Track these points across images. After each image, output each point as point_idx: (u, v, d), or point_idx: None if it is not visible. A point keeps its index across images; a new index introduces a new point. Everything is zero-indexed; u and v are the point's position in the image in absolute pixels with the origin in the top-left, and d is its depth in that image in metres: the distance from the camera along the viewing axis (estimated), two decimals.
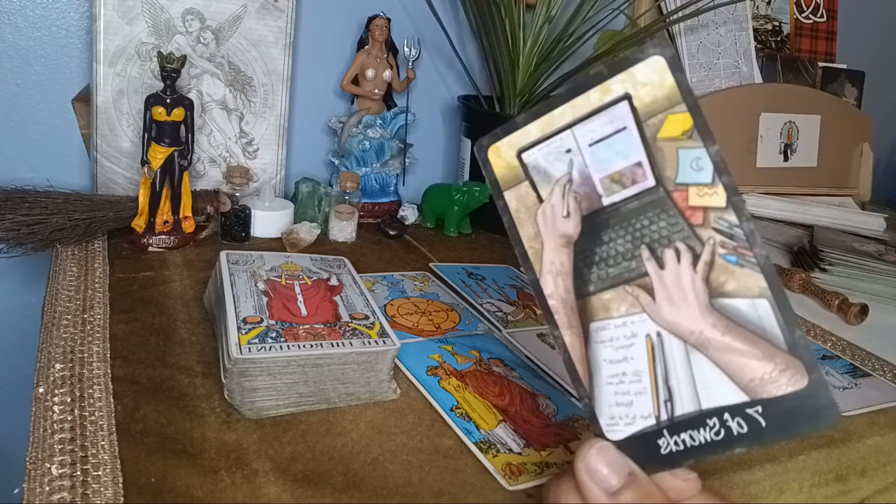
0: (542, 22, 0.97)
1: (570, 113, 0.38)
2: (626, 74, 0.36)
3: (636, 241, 0.38)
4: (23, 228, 0.72)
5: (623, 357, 0.38)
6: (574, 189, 0.39)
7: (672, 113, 0.36)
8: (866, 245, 1.04)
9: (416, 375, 0.59)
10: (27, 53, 0.89)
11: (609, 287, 0.38)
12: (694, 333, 0.36)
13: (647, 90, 0.36)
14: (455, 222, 0.98)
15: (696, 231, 0.36)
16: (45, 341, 0.56)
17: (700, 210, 0.36)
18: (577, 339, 0.39)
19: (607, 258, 0.38)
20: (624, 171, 0.38)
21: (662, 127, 0.36)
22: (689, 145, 0.36)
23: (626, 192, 0.38)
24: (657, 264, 0.37)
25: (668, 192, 0.37)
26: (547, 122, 0.39)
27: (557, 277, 0.40)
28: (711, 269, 0.36)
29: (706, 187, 0.36)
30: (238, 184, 0.85)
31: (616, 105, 0.37)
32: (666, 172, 0.37)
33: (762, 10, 1.31)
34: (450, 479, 0.47)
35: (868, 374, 0.72)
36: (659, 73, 0.36)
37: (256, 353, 0.51)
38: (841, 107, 1.29)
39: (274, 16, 0.89)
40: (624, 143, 0.37)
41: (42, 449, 0.44)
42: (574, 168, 0.39)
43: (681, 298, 0.36)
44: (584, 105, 0.38)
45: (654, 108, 0.36)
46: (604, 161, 0.38)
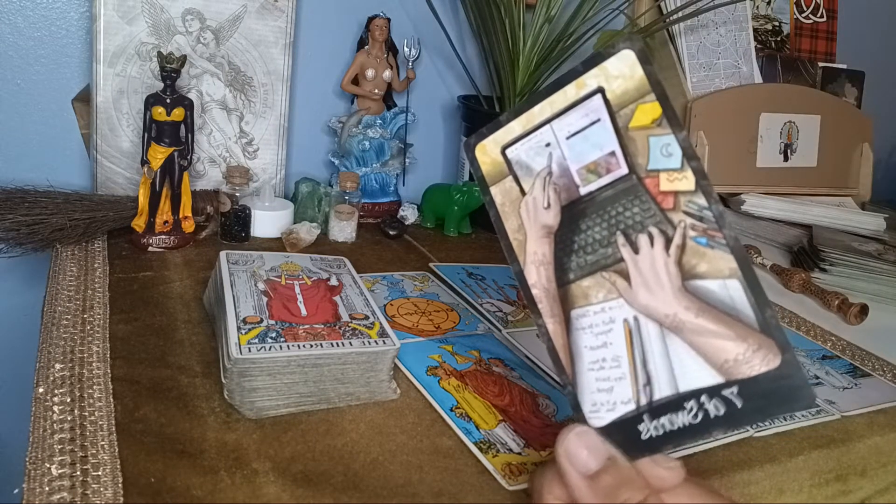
0: (542, 22, 0.97)
1: (548, 109, 0.40)
2: (599, 69, 0.38)
3: (612, 227, 0.39)
4: (23, 228, 0.72)
5: (602, 343, 0.39)
6: (553, 181, 0.41)
7: (642, 103, 0.37)
8: (866, 245, 1.04)
9: (416, 375, 0.59)
10: (27, 53, 0.89)
11: (588, 274, 0.40)
12: (669, 316, 0.37)
13: (618, 83, 0.38)
14: (455, 222, 0.98)
15: (668, 215, 0.37)
16: (45, 341, 0.56)
17: (671, 195, 0.37)
18: (559, 327, 0.41)
19: (585, 246, 0.40)
20: (599, 160, 0.39)
21: (633, 116, 0.38)
22: (658, 133, 0.37)
23: (602, 181, 0.39)
24: (632, 249, 0.38)
25: (641, 178, 0.38)
26: (528, 118, 0.41)
27: (540, 267, 0.41)
28: (683, 252, 0.37)
29: (676, 172, 0.37)
30: (238, 184, 0.85)
31: (590, 98, 0.39)
32: (638, 160, 0.38)
33: (762, 10, 1.31)
34: (450, 479, 0.47)
35: (868, 374, 0.72)
36: (630, 65, 0.37)
37: (256, 353, 0.51)
38: (841, 107, 1.29)
39: (274, 16, 0.89)
40: (598, 134, 0.39)
41: (42, 449, 0.44)
42: (553, 161, 0.41)
43: (655, 282, 0.37)
44: (562, 100, 0.40)
45: (626, 99, 0.38)
46: (580, 152, 0.40)
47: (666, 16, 1.11)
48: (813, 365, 0.72)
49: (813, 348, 0.76)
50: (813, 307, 0.88)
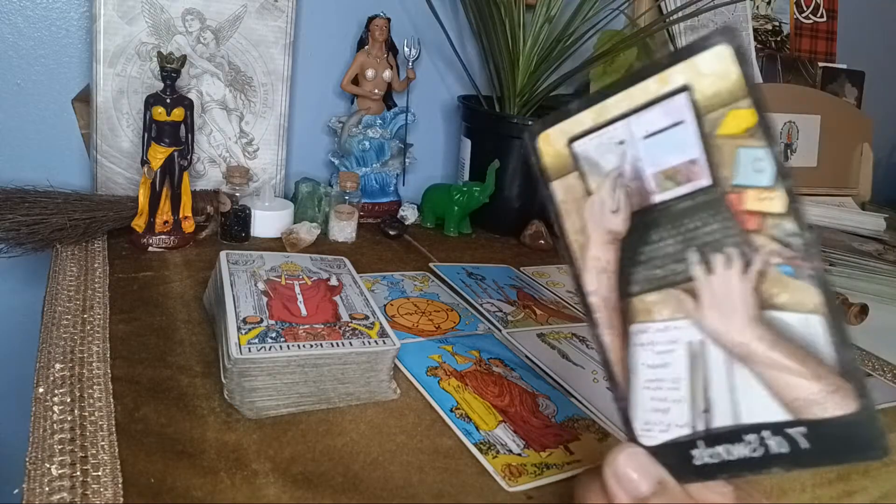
0: (542, 22, 0.97)
1: (625, 102, 0.36)
2: (687, 64, 0.34)
3: (686, 242, 0.35)
4: (23, 228, 0.72)
5: (663, 362, 0.36)
6: (625, 183, 0.37)
7: (735, 108, 0.33)
8: (866, 245, 1.04)
9: (416, 376, 0.59)
10: (27, 53, 0.89)
11: (654, 289, 0.36)
12: (739, 345, 0.34)
13: (709, 82, 0.33)
14: (455, 222, 0.98)
15: (751, 237, 0.34)
16: (45, 341, 0.56)
17: (757, 215, 0.33)
18: (616, 340, 0.38)
19: (654, 258, 0.37)
20: (679, 167, 0.35)
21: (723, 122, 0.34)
22: (750, 144, 0.33)
23: (680, 189, 0.35)
24: (706, 269, 0.35)
25: (725, 192, 0.34)
26: (601, 110, 0.37)
27: (602, 275, 0.38)
28: (764, 279, 0.33)
29: (765, 191, 0.33)
30: (238, 184, 0.85)
31: (675, 96, 0.34)
32: (723, 172, 0.34)
33: (762, 10, 1.31)
34: (449, 479, 0.47)
35: (868, 374, 0.72)
36: (724, 63, 0.33)
37: (256, 353, 0.51)
38: (841, 107, 1.29)
39: (274, 16, 0.89)
40: (680, 137, 0.35)
41: (42, 449, 0.44)
42: (626, 161, 0.37)
43: (728, 307, 0.34)
44: (641, 95, 0.35)
45: (716, 101, 0.34)
46: (658, 155, 0.36)
47: (666, 16, 1.11)
48: None
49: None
50: None
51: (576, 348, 0.68)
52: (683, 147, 0.35)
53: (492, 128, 1.01)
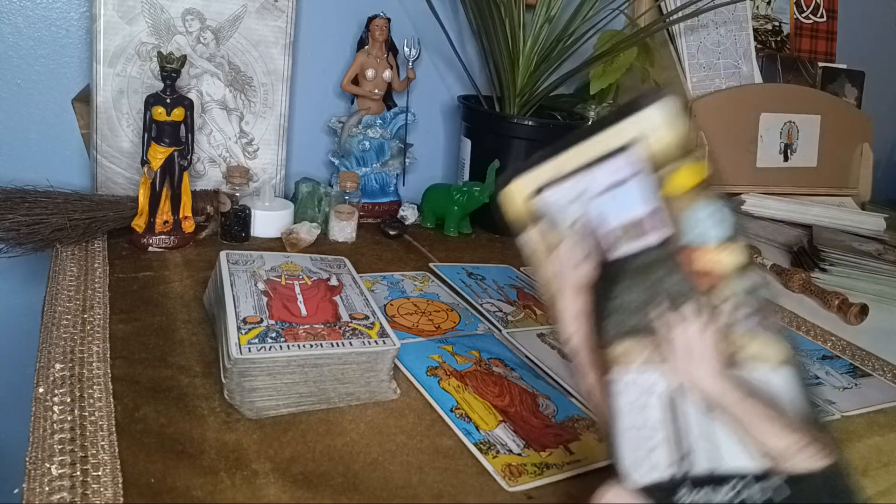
0: (542, 22, 0.97)
1: (581, 156, 0.37)
2: (637, 118, 0.35)
3: (651, 293, 0.36)
4: (23, 228, 0.72)
5: (642, 406, 0.37)
6: (587, 235, 0.38)
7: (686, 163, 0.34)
8: (866, 245, 1.04)
9: (416, 376, 0.59)
10: (27, 53, 0.89)
11: (626, 336, 0.37)
12: (712, 394, 0.35)
13: (659, 136, 0.34)
14: (455, 222, 0.98)
15: (712, 291, 0.34)
16: (45, 341, 0.56)
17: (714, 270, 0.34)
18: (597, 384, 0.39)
19: (623, 308, 0.37)
20: (637, 221, 0.36)
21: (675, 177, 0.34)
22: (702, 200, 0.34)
23: (640, 243, 0.36)
24: (672, 321, 0.35)
25: (682, 247, 0.35)
26: (562, 162, 0.37)
27: (576, 321, 0.39)
28: (728, 332, 0.34)
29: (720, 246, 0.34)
30: (238, 184, 0.85)
31: (628, 150, 0.35)
32: (680, 226, 0.34)
33: (762, 10, 1.31)
34: (449, 479, 0.47)
35: (868, 375, 0.72)
36: (672, 117, 0.34)
37: (256, 353, 0.51)
38: (841, 107, 1.29)
39: (274, 16, 0.89)
40: (635, 191, 0.35)
41: (42, 449, 0.44)
42: (588, 213, 0.37)
43: (697, 358, 0.35)
44: (596, 149, 0.36)
45: (667, 156, 0.34)
46: (616, 209, 0.36)
47: (666, 16, 1.11)
48: (813, 365, 0.72)
49: (813, 348, 0.76)
50: (813, 307, 0.88)
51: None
52: (639, 201, 0.35)
53: (492, 128, 1.01)
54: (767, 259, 0.99)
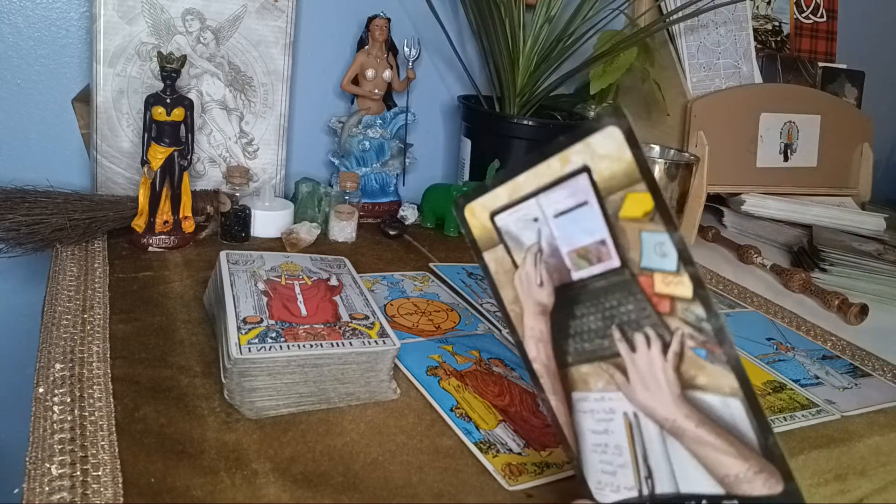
0: (542, 22, 0.97)
1: (533, 181, 0.37)
2: (583, 145, 0.34)
3: (607, 319, 0.36)
4: (23, 228, 0.72)
5: (604, 429, 0.37)
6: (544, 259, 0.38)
7: (632, 191, 0.34)
8: (866, 245, 1.04)
9: (416, 375, 0.59)
10: (27, 53, 0.89)
11: (585, 361, 0.37)
12: (668, 420, 0.35)
13: (605, 164, 0.34)
14: (455, 222, 0.98)
15: (665, 319, 0.34)
16: (45, 341, 0.56)
17: (667, 298, 0.34)
18: (561, 405, 0.39)
19: (581, 333, 0.37)
20: (589, 247, 0.36)
21: (623, 205, 0.34)
22: (651, 228, 0.34)
23: (593, 269, 0.36)
24: (629, 346, 0.36)
25: (634, 275, 0.35)
26: (513, 187, 0.38)
27: (538, 343, 0.39)
28: (682, 360, 0.34)
29: (671, 275, 0.34)
30: (238, 184, 0.85)
31: (576, 177, 0.35)
32: (630, 254, 0.35)
33: (762, 10, 1.31)
34: (450, 479, 0.47)
35: (868, 374, 0.72)
36: (617, 146, 0.34)
37: (256, 353, 0.51)
38: (841, 107, 1.29)
39: (274, 16, 0.89)
40: (587, 218, 0.36)
41: (42, 449, 0.44)
42: (542, 238, 0.38)
43: (653, 384, 0.35)
44: (546, 174, 0.36)
45: (614, 184, 0.34)
46: (570, 235, 0.37)
47: (666, 16, 1.11)
48: (813, 365, 0.72)
49: (813, 348, 0.76)
50: (813, 307, 0.88)
51: None
52: (591, 228, 0.36)
53: (492, 128, 1.01)
54: (767, 259, 0.99)
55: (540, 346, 0.39)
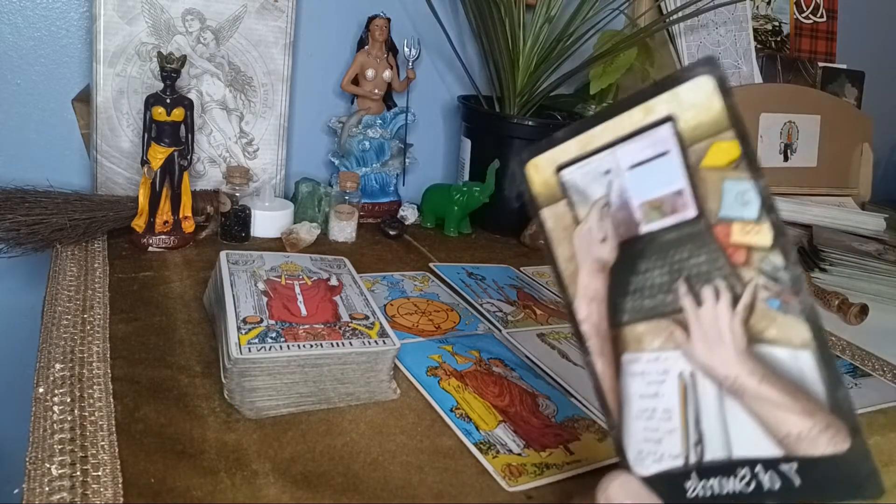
0: (542, 22, 0.97)
1: (611, 132, 0.36)
2: (670, 94, 0.34)
3: (674, 273, 0.35)
4: (23, 228, 0.72)
5: (654, 392, 0.36)
6: (612, 213, 0.37)
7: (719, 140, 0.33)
8: (866, 245, 1.04)
9: (416, 376, 0.59)
10: (27, 53, 0.89)
11: (643, 319, 0.36)
12: (728, 378, 0.34)
13: (692, 113, 0.33)
14: (455, 222, 0.98)
15: (738, 270, 0.33)
16: (45, 341, 0.56)
17: (744, 248, 0.33)
18: (608, 368, 0.38)
19: (643, 289, 0.36)
20: (664, 198, 0.35)
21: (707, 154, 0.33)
22: (734, 176, 0.33)
23: (666, 220, 0.35)
24: (694, 301, 0.34)
25: (710, 225, 0.34)
26: (587, 139, 0.37)
27: (592, 303, 0.38)
28: (752, 313, 0.33)
29: (751, 224, 0.33)
30: (238, 184, 0.85)
31: (659, 127, 0.34)
32: (709, 204, 0.34)
33: (762, 10, 1.31)
34: (449, 479, 0.47)
35: (868, 374, 0.72)
36: (706, 95, 0.33)
37: (256, 353, 0.51)
38: (841, 107, 1.29)
39: (274, 16, 0.89)
40: (665, 168, 0.34)
41: (42, 449, 0.44)
42: (612, 191, 0.36)
43: (717, 340, 0.34)
44: (626, 125, 0.35)
45: (700, 133, 0.33)
46: (644, 186, 0.35)
47: (666, 16, 1.11)
48: None
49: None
50: None
51: (576, 348, 0.68)
52: (669, 178, 0.35)
53: (492, 128, 1.01)
54: None
55: (592, 306, 0.38)
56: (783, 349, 0.33)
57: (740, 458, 0.34)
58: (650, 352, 0.36)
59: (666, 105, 0.34)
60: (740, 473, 0.34)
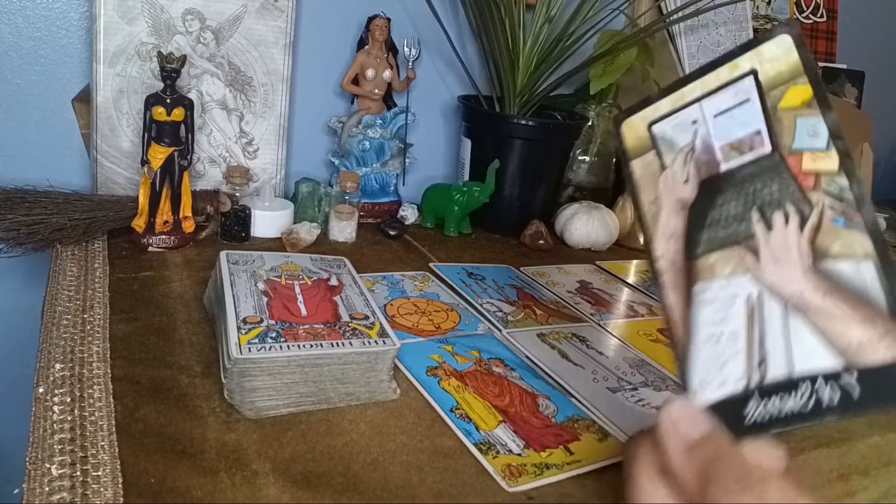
0: (542, 22, 0.97)
1: (699, 88, 0.40)
2: (754, 52, 0.38)
3: (748, 203, 0.39)
4: (23, 228, 0.72)
5: (722, 318, 0.39)
6: (696, 156, 0.41)
7: (794, 85, 0.37)
8: None
9: (416, 376, 0.59)
10: (27, 53, 0.89)
11: (717, 248, 0.40)
12: (795, 295, 0.36)
13: (771, 65, 0.38)
14: (455, 222, 0.98)
15: (808, 194, 0.37)
16: (45, 341, 0.56)
17: (812, 174, 0.37)
18: (680, 299, 0.40)
19: (718, 220, 0.40)
20: (744, 138, 0.39)
21: (783, 97, 0.37)
22: (807, 113, 0.37)
23: (744, 157, 0.39)
24: (766, 226, 0.38)
25: (784, 157, 0.38)
26: (678, 97, 0.41)
27: (670, 240, 0.41)
28: (818, 232, 0.36)
29: (820, 152, 0.36)
30: (238, 184, 0.84)
31: (742, 80, 0.39)
32: (783, 140, 0.38)
33: (762, 10, 1.31)
34: (449, 480, 0.47)
35: None
36: (785, 49, 0.37)
37: (256, 353, 0.51)
38: (841, 107, 1.29)
39: (274, 16, 0.89)
40: (746, 113, 0.39)
41: (42, 449, 0.44)
42: (698, 137, 0.41)
43: (785, 259, 0.37)
44: (714, 81, 0.40)
45: (778, 80, 0.38)
46: (726, 130, 0.40)
47: (666, 16, 1.11)
48: None
49: None
50: None
51: (576, 348, 0.68)
52: (749, 121, 0.39)
53: (492, 128, 1.01)
54: None
55: (671, 242, 0.41)
56: (847, 262, 0.35)
57: (801, 374, 0.36)
58: (721, 279, 0.39)
59: (749, 61, 0.38)
60: (801, 389, 0.36)
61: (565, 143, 1.03)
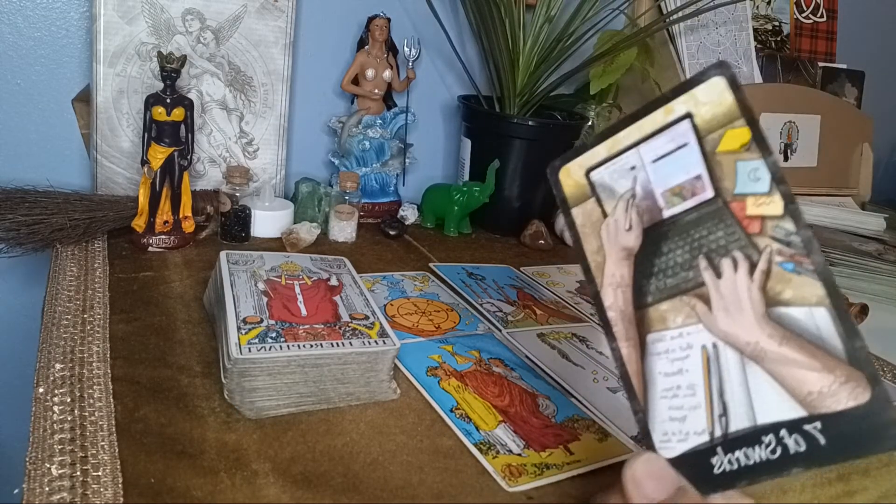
0: (542, 22, 0.97)
1: (636, 133, 0.40)
2: (688, 95, 0.38)
3: (694, 251, 0.38)
4: (23, 228, 0.72)
5: (678, 369, 0.38)
6: (637, 203, 0.40)
7: (731, 128, 0.36)
8: (866, 245, 1.04)
9: (416, 376, 0.59)
10: (27, 53, 0.89)
11: (666, 297, 0.39)
12: (750, 344, 0.35)
13: (707, 108, 0.37)
14: (455, 222, 0.98)
15: (754, 240, 0.36)
16: (45, 341, 0.56)
17: (757, 219, 0.36)
18: (633, 351, 0.40)
19: (666, 269, 0.39)
20: (684, 184, 0.38)
21: (721, 141, 0.37)
22: (746, 157, 0.36)
23: (686, 203, 0.38)
24: (714, 273, 0.37)
25: (727, 202, 0.37)
26: (614, 142, 0.40)
27: (618, 289, 0.40)
28: (768, 278, 0.35)
29: (763, 196, 0.36)
30: (238, 184, 0.85)
31: (678, 123, 0.38)
32: (724, 184, 0.37)
33: (762, 10, 1.31)
34: (449, 480, 0.47)
35: None
36: (719, 92, 0.37)
37: (256, 353, 0.51)
38: (841, 107, 1.29)
39: (274, 16, 0.89)
40: (685, 158, 0.38)
41: (42, 449, 0.44)
42: (637, 183, 0.40)
43: (736, 308, 0.36)
44: (649, 125, 0.39)
45: (714, 124, 0.37)
46: (666, 175, 0.39)
47: (666, 16, 1.11)
48: None
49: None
50: None
51: (576, 348, 0.68)
52: (688, 166, 0.38)
53: (492, 128, 1.01)
54: None
55: (619, 292, 0.40)
56: (800, 308, 0.34)
57: (764, 425, 0.35)
58: (674, 329, 0.38)
59: (684, 104, 0.38)
60: (765, 441, 0.35)
61: (565, 143, 1.03)
